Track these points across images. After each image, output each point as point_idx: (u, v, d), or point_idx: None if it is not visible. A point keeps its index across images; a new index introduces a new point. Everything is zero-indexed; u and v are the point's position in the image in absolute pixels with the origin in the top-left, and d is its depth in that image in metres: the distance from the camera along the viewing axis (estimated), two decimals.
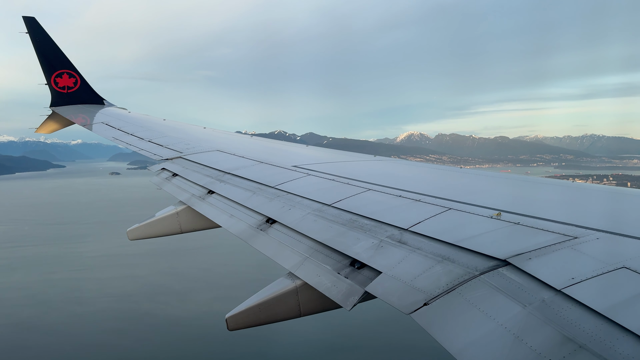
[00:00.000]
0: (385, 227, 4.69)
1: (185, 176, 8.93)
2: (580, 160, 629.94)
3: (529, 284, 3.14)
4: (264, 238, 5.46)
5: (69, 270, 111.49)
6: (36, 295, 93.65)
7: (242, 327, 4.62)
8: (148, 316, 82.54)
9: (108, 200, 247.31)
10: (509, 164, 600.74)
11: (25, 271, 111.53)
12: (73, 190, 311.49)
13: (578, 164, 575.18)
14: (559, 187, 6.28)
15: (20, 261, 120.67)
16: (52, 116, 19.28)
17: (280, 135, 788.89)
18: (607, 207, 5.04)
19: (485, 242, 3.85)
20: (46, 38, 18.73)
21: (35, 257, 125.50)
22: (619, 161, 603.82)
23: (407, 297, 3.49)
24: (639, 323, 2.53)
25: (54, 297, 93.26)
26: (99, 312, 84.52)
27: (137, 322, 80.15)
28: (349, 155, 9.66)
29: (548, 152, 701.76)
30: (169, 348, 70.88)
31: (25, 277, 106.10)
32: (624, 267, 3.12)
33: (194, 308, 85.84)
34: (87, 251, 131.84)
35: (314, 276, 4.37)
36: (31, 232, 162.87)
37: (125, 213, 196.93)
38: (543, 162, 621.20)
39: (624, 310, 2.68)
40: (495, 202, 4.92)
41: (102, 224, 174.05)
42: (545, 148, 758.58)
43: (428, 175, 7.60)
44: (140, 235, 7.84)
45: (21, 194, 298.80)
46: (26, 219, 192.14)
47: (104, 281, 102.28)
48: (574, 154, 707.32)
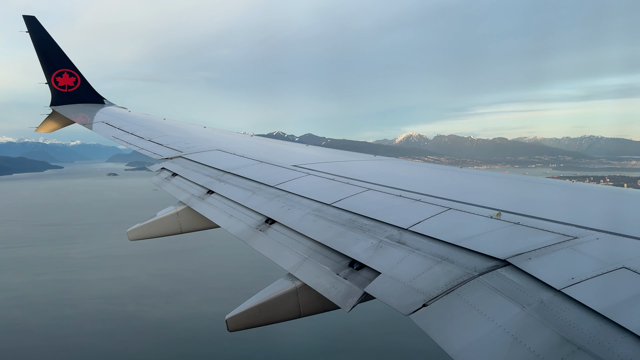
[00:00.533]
0: (385, 227, 4.67)
1: (185, 176, 8.88)
2: (579, 162, 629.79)
3: (528, 285, 3.13)
4: (263, 239, 5.43)
5: (57, 272, 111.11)
6: (23, 297, 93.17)
7: (242, 328, 4.62)
8: (134, 318, 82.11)
9: (103, 201, 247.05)
10: (507, 165, 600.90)
11: (13, 272, 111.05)
12: (69, 191, 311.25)
13: (576, 165, 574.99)
14: (559, 187, 6.22)
15: (10, 262, 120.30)
16: (52, 115, 19.20)
17: (279, 136, 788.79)
18: (607, 208, 5.05)
19: (485, 242, 3.84)
20: (46, 37, 18.66)
21: (25, 258, 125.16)
22: (618, 162, 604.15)
23: (406, 298, 3.48)
24: (638, 323, 2.51)
25: (40, 298, 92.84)
26: (84, 314, 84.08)
27: (123, 324, 79.66)
28: (350, 155, 9.63)
29: (547, 154, 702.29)
30: (152, 351, 70.28)
31: (13, 279, 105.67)
32: (624, 267, 3.12)
33: (180, 310, 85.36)
34: (78, 252, 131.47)
35: (313, 277, 4.36)
36: (24, 233, 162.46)
37: (119, 214, 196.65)
38: (541, 163, 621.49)
39: (623, 310, 2.67)
40: (496, 202, 4.91)
41: (94, 225, 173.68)
42: (543, 149, 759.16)
43: (428, 175, 7.54)
44: (140, 236, 7.81)
45: (17, 195, 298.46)
46: (20, 220, 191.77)
47: (91, 283, 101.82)
48: (572, 155, 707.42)
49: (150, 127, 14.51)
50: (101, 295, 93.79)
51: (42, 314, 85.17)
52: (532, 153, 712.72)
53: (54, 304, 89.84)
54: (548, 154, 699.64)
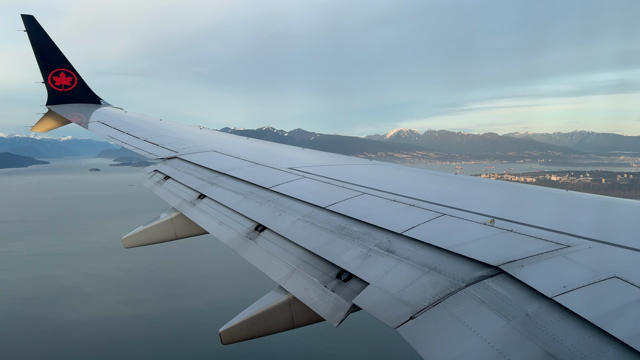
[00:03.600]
0: (375, 234, 4.64)
1: (178, 179, 8.79)
2: (568, 157, 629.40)
3: (514, 296, 3.13)
4: (253, 248, 5.39)
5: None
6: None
7: (236, 340, 4.60)
8: (43, 321, 78.38)
9: (71, 197, 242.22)
10: (495, 160, 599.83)
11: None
12: (42, 187, 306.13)
13: (565, 161, 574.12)
14: (553, 195, 6.15)
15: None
16: (49, 114, 19.19)
17: (268, 131, 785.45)
18: (600, 217, 5.05)
19: (478, 249, 3.84)
20: (44, 36, 18.63)
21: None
22: (606, 157, 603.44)
23: (394, 311, 3.47)
24: (628, 332, 2.55)
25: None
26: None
27: (29, 326, 75.52)
28: (346, 159, 9.64)
29: (536, 149, 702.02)
30: (48, 356, 65.93)
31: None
32: (615, 276, 3.13)
33: (94, 312, 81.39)
34: (18, 250, 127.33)
35: (302, 290, 4.34)
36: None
37: (81, 210, 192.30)
38: (530, 158, 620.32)
39: (614, 319, 2.69)
40: (490, 209, 4.91)
41: (50, 222, 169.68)
42: (534, 145, 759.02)
43: (424, 180, 7.40)
44: (135, 243, 7.78)
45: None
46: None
47: (14, 283, 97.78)
48: (562, 150, 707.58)
49: (146, 127, 14.55)
50: (18, 296, 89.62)
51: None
52: (522, 148, 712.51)
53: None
54: (538, 149, 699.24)
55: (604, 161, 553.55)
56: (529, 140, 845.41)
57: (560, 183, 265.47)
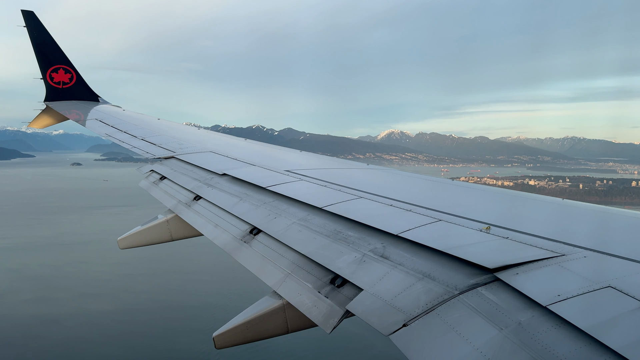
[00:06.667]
0: (370, 239, 4.60)
1: (174, 179, 8.76)
2: (557, 162, 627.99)
3: (507, 305, 3.11)
4: (247, 251, 5.36)
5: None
6: None
7: (230, 345, 4.60)
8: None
9: (38, 190, 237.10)
10: (483, 164, 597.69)
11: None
12: (14, 180, 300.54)
13: (553, 166, 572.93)
14: (549, 203, 6.10)
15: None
16: (46, 111, 19.12)
17: (258, 130, 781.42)
18: (595, 226, 5.00)
19: (473, 252, 3.82)
20: (44, 33, 18.48)
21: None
22: (595, 164, 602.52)
23: (387, 318, 3.44)
24: (622, 342, 2.54)
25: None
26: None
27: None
28: (344, 163, 9.61)
29: (526, 154, 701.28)
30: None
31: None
32: (610, 286, 3.12)
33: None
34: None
35: (296, 295, 4.32)
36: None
37: (40, 204, 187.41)
38: (519, 163, 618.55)
39: (608, 329, 2.69)
40: (486, 216, 4.89)
41: (5, 215, 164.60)
42: (524, 149, 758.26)
43: (421, 186, 7.38)
44: (131, 244, 7.74)
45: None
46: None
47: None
48: (552, 155, 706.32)
49: (144, 126, 14.49)
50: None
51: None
52: (511, 153, 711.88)
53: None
54: (527, 153, 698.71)
55: (592, 167, 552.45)
56: (519, 144, 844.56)
57: (537, 188, 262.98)
